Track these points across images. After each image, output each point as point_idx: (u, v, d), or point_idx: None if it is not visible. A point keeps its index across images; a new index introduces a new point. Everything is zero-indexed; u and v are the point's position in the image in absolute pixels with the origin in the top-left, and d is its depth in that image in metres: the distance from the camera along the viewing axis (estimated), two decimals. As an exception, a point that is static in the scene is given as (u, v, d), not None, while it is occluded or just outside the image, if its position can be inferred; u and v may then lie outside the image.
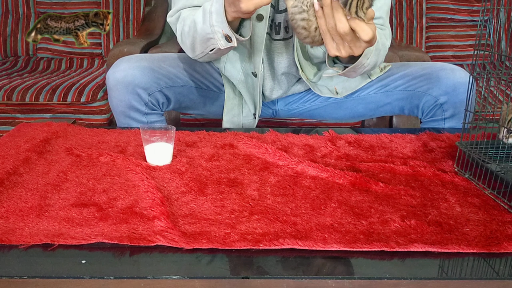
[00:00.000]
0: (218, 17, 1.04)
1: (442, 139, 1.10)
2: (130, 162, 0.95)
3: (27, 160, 0.95)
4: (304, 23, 0.96)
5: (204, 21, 1.08)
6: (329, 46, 0.96)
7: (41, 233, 0.72)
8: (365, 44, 0.94)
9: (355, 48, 0.95)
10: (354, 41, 0.93)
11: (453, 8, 2.37)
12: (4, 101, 1.94)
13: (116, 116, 1.25)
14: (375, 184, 0.87)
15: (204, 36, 1.10)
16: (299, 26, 0.97)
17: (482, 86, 0.91)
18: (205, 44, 1.12)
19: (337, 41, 0.94)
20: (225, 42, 1.08)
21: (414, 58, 1.88)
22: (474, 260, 0.68)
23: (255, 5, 0.96)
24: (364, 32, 0.90)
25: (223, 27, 1.04)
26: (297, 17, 0.97)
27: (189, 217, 0.77)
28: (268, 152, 1.00)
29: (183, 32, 1.17)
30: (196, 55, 1.20)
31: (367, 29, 0.90)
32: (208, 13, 1.06)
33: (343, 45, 0.95)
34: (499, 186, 0.86)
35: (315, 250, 0.69)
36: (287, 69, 1.29)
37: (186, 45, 1.19)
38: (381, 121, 1.88)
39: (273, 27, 1.23)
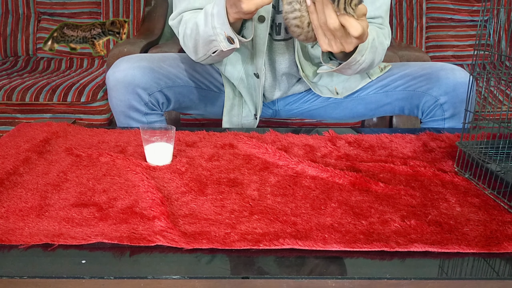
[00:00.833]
0: (220, 19, 1.04)
1: (442, 139, 1.10)
2: (130, 162, 0.95)
3: (27, 160, 0.95)
4: (296, 21, 0.99)
5: (206, 23, 1.08)
6: (321, 41, 0.97)
7: (41, 233, 0.72)
8: (355, 40, 0.95)
9: (346, 44, 0.96)
10: (344, 37, 0.95)
11: (453, 8, 2.37)
12: (4, 101, 1.94)
13: (116, 116, 1.25)
14: (375, 184, 0.87)
15: (206, 39, 1.10)
16: (292, 24, 1.00)
17: (482, 86, 0.91)
18: (207, 46, 1.13)
19: (328, 36, 0.96)
20: (227, 44, 1.08)
21: (414, 58, 1.88)
22: (474, 260, 0.68)
23: (256, 5, 0.96)
24: (353, 28, 0.91)
25: (225, 28, 1.05)
26: (289, 16, 0.99)
27: (189, 217, 0.77)
28: (268, 152, 1.00)
29: (185, 35, 1.17)
30: (199, 58, 1.20)
31: (356, 25, 0.91)
32: (209, 15, 1.07)
33: (334, 40, 0.96)
34: (499, 186, 0.86)
35: (315, 250, 0.69)
36: (288, 69, 1.29)
37: (189, 48, 1.19)
38: (381, 121, 1.88)
39: (274, 27, 1.23)
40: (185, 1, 1.19)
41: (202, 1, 1.18)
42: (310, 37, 1.01)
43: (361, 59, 1.09)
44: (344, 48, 0.97)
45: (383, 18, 1.23)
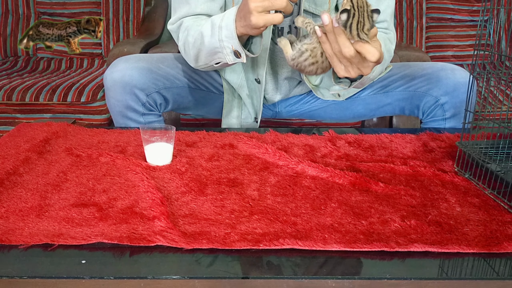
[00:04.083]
0: (228, 32, 1.02)
1: (442, 139, 1.10)
2: (130, 162, 0.95)
3: (27, 160, 0.95)
4: (309, 59, 0.97)
5: (212, 34, 1.05)
6: (337, 68, 0.95)
7: (41, 233, 0.72)
8: (372, 64, 0.93)
9: (363, 68, 0.94)
10: (361, 63, 0.92)
11: (453, 8, 2.37)
12: (4, 101, 1.94)
13: (114, 116, 1.25)
14: (375, 184, 0.87)
15: (211, 50, 1.08)
16: (306, 66, 0.98)
17: (482, 86, 0.91)
18: (211, 57, 1.11)
19: (344, 63, 0.94)
20: (233, 58, 1.06)
21: (414, 58, 1.88)
22: (474, 260, 0.68)
23: (266, 21, 0.94)
24: (370, 54, 0.89)
25: (233, 42, 1.02)
26: (300, 60, 0.98)
27: (189, 217, 0.77)
28: (268, 152, 1.00)
29: (186, 42, 1.15)
30: (199, 66, 1.18)
31: (373, 50, 0.88)
32: (217, 27, 1.04)
33: (351, 66, 0.94)
34: (499, 186, 0.86)
35: (315, 250, 0.69)
36: (290, 73, 1.29)
37: (189, 55, 1.16)
38: (381, 121, 1.88)
39: (276, 31, 1.22)
40: (186, 6, 1.17)
41: (203, 6, 1.16)
42: (326, 67, 0.99)
43: (372, 74, 1.08)
44: (362, 72, 0.95)
45: (388, 22, 1.22)
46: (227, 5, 1.19)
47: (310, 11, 1.18)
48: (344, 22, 0.87)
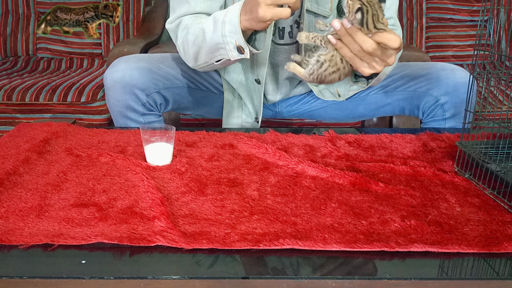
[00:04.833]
0: (232, 27, 1.01)
1: (442, 139, 1.10)
2: (130, 162, 0.95)
3: (27, 160, 0.95)
4: (329, 69, 0.98)
5: (215, 30, 1.04)
6: (361, 68, 0.95)
7: (41, 233, 0.72)
8: (394, 51, 0.93)
9: (387, 58, 0.94)
10: (384, 53, 0.93)
11: (453, 8, 2.37)
12: (4, 101, 1.94)
13: (114, 116, 1.25)
14: (375, 184, 0.87)
15: (213, 46, 1.07)
16: (327, 75, 0.99)
17: (482, 86, 0.91)
18: (212, 54, 1.09)
19: (367, 60, 0.94)
20: (237, 54, 1.05)
21: (414, 58, 1.88)
22: (474, 260, 0.68)
23: (273, 14, 0.94)
24: (391, 41, 0.90)
25: (237, 37, 1.02)
26: (319, 71, 0.99)
27: (189, 217, 0.77)
28: (268, 152, 1.00)
29: (185, 40, 1.14)
30: (198, 65, 1.17)
31: (393, 37, 0.90)
32: (220, 22, 1.03)
33: (375, 61, 0.94)
34: (499, 186, 0.86)
35: (315, 250, 0.69)
36: (290, 73, 1.28)
37: (188, 54, 1.15)
38: (381, 121, 1.88)
39: (277, 31, 1.22)
40: (185, 5, 1.16)
41: (203, 5, 1.16)
42: (348, 72, 1.00)
43: (388, 69, 1.08)
44: (387, 63, 0.95)
45: (394, 19, 1.23)
46: (227, 4, 1.19)
47: (312, 11, 1.18)
48: (359, 20, 0.89)
